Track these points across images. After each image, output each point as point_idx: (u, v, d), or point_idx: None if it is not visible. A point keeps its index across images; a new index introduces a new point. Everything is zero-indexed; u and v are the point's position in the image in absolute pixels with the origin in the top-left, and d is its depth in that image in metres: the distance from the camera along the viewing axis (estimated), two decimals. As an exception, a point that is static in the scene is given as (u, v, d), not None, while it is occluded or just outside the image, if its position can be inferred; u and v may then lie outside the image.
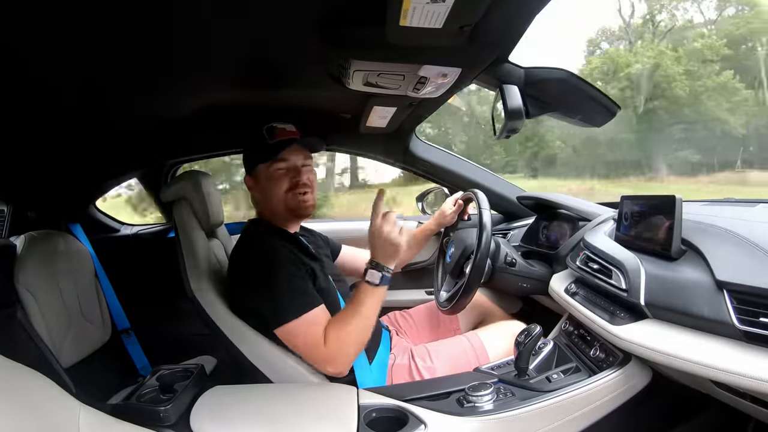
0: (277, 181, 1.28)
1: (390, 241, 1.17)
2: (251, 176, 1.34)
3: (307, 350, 1.15)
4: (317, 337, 1.13)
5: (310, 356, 1.15)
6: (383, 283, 1.17)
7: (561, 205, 1.62)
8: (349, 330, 1.13)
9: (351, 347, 1.14)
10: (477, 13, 0.75)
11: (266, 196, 1.31)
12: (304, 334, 1.13)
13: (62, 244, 1.67)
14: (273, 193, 1.29)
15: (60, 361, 1.43)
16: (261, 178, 1.31)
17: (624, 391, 1.08)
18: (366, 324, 1.15)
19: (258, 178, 1.32)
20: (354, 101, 1.39)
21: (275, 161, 1.28)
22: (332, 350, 1.12)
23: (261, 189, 1.32)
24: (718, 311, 0.82)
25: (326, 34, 0.90)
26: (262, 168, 1.30)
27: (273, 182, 1.29)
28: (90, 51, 0.91)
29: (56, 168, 1.69)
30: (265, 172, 1.29)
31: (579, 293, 1.26)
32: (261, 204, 1.36)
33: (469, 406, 1.06)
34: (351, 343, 1.13)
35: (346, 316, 1.15)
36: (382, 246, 1.18)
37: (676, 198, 0.99)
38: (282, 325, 1.13)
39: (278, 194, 1.29)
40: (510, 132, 1.25)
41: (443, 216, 1.65)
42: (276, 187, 1.29)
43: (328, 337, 1.12)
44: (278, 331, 1.15)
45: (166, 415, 1.04)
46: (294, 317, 1.12)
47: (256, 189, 1.33)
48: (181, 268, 1.28)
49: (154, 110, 1.40)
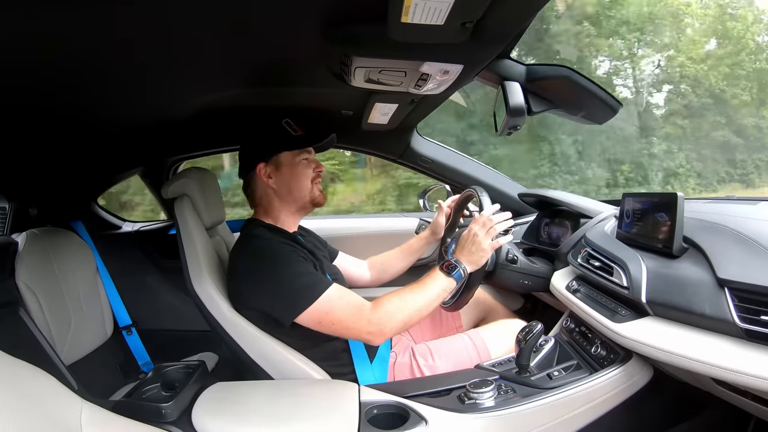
0: (304, 169, 1.32)
1: (479, 247, 1.22)
2: (268, 164, 1.31)
3: (350, 318, 1.13)
4: (358, 301, 1.15)
5: (354, 323, 1.13)
6: (455, 277, 1.20)
7: (562, 202, 1.62)
8: (403, 303, 1.15)
9: (399, 319, 1.14)
10: (479, 9, 0.74)
11: (287, 185, 1.31)
12: (339, 305, 1.13)
13: (64, 241, 1.68)
14: (299, 181, 1.31)
15: (62, 357, 1.43)
16: (284, 165, 1.31)
17: (625, 389, 1.09)
18: (421, 305, 1.16)
19: (279, 165, 1.31)
20: (356, 98, 1.39)
21: (302, 151, 1.31)
22: (380, 316, 1.12)
23: (282, 177, 1.31)
24: (719, 309, 0.82)
25: (328, 31, 0.89)
26: (287, 156, 1.31)
27: (300, 170, 1.31)
28: (93, 49, 0.91)
29: (58, 165, 1.69)
30: (290, 161, 1.31)
31: (580, 290, 1.26)
32: (270, 196, 1.33)
33: (470, 403, 1.06)
34: (400, 316, 1.14)
35: (406, 291, 1.18)
36: (470, 250, 1.23)
37: (678, 196, 0.98)
38: (308, 308, 1.12)
39: (305, 183, 1.32)
40: (512, 129, 1.25)
41: (437, 224, 1.62)
42: (303, 176, 1.32)
43: (382, 305, 1.14)
44: (305, 315, 1.13)
45: (168, 412, 1.05)
46: (318, 294, 1.12)
47: (275, 177, 1.31)
48: (183, 265, 1.28)
49: (156, 108, 1.40)
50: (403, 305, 1.15)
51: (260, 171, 1.31)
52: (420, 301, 1.16)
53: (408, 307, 1.15)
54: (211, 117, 1.47)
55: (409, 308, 1.15)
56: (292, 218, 1.36)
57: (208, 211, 1.39)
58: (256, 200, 1.35)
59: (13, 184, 1.60)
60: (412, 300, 1.16)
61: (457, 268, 1.20)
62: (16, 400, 0.69)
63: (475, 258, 1.23)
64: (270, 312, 1.16)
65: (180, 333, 1.98)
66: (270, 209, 1.34)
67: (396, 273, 1.67)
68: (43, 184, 1.74)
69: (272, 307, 1.16)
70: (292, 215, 1.35)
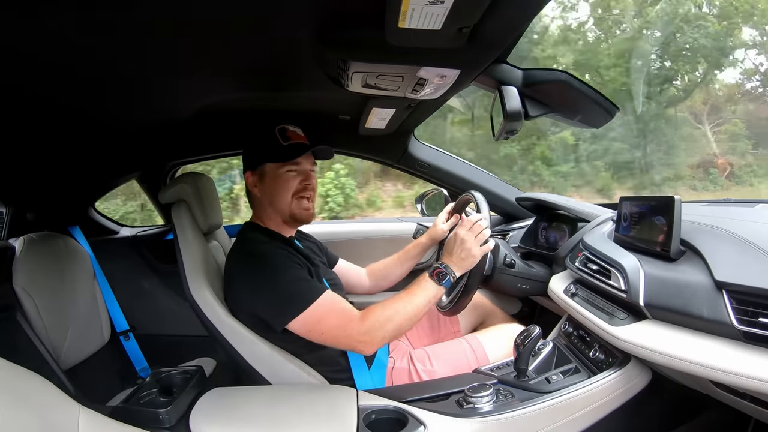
0: (286, 183, 1.27)
1: (469, 253, 1.21)
2: (255, 173, 1.30)
3: (340, 328, 1.12)
4: (348, 311, 1.13)
5: (344, 332, 1.12)
6: (444, 284, 1.19)
7: (560, 206, 1.63)
8: (393, 312, 1.13)
9: (388, 329, 1.12)
10: (476, 14, 0.75)
11: (269, 196, 1.29)
12: (329, 314, 1.12)
13: (61, 246, 1.67)
14: (279, 195, 1.28)
15: (59, 363, 1.43)
16: (267, 176, 1.28)
17: (624, 392, 1.09)
18: (411, 313, 1.14)
19: (263, 175, 1.29)
20: (353, 103, 1.39)
21: (287, 163, 1.27)
22: (370, 326, 1.11)
23: (265, 188, 1.29)
24: (717, 311, 0.82)
25: (325, 36, 0.90)
26: (271, 167, 1.27)
27: (281, 183, 1.27)
28: (90, 53, 0.91)
29: (56, 170, 1.69)
30: (273, 172, 1.27)
31: (578, 294, 1.26)
32: (260, 204, 1.32)
33: (468, 407, 1.06)
34: (390, 326, 1.12)
35: (396, 300, 1.15)
36: (459, 255, 1.21)
37: (675, 199, 0.99)
38: (298, 315, 1.10)
39: (285, 197, 1.28)
40: (509, 133, 1.25)
41: (436, 230, 1.62)
42: (284, 190, 1.27)
43: (371, 312, 1.12)
44: (295, 322, 1.11)
45: (165, 417, 1.04)
46: (310, 302, 1.11)
47: (259, 187, 1.30)
48: (180, 270, 1.27)
49: (154, 113, 1.40)
50: (393, 314, 1.13)
51: (248, 179, 1.31)
52: (410, 310, 1.15)
53: (398, 316, 1.13)
54: (208, 121, 1.48)
55: (399, 317, 1.13)
56: (284, 227, 1.34)
57: (206, 216, 1.39)
58: (251, 204, 1.36)
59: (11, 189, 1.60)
60: (402, 309, 1.14)
61: (447, 276, 1.19)
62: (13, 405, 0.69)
63: (466, 264, 1.22)
64: (262, 317, 1.16)
65: (177, 338, 1.97)
66: (263, 215, 1.33)
67: (395, 279, 1.66)
68: (41, 189, 1.74)
69: (264, 312, 1.15)
70: (285, 224, 1.34)
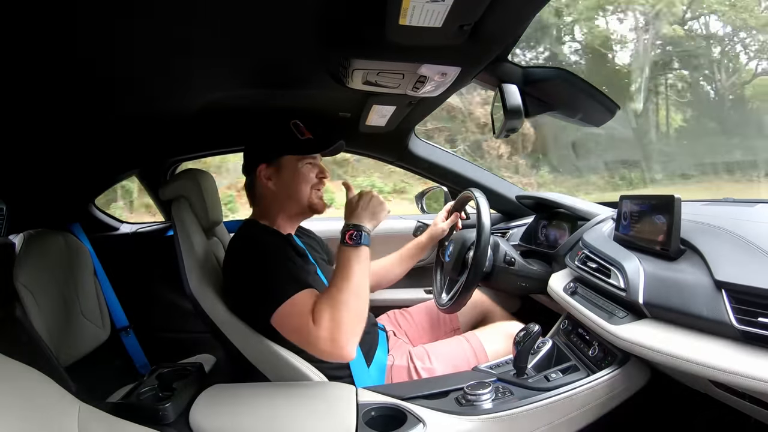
0: (306, 175, 1.30)
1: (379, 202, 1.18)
2: (270, 166, 1.30)
3: (300, 336, 1.04)
4: (305, 317, 1.02)
5: (304, 342, 1.04)
6: (364, 242, 1.10)
7: (560, 204, 1.62)
8: (341, 304, 1.02)
9: (348, 322, 1.01)
10: (477, 12, 0.75)
11: (287, 189, 1.30)
12: (291, 317, 1.05)
13: (61, 243, 1.67)
14: (298, 186, 1.30)
15: (59, 359, 1.43)
16: (286, 169, 1.30)
17: (623, 391, 1.09)
18: (359, 292, 1.05)
19: (280, 168, 1.30)
20: (353, 100, 1.39)
21: (306, 156, 1.30)
22: (326, 329, 1.00)
23: (282, 180, 1.30)
24: (716, 311, 0.82)
25: (326, 33, 0.90)
26: (290, 160, 1.29)
27: (301, 176, 1.30)
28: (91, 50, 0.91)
29: (56, 166, 1.69)
30: (292, 165, 1.29)
31: (578, 292, 1.26)
32: (272, 197, 1.31)
33: (467, 404, 1.06)
34: (348, 318, 1.01)
35: (335, 290, 1.05)
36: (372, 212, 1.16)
37: (675, 198, 0.99)
38: (273, 312, 1.06)
39: (305, 189, 1.30)
40: (509, 131, 1.25)
41: (435, 228, 1.62)
42: (304, 182, 1.30)
43: (319, 316, 1.01)
44: (272, 321, 1.07)
45: (165, 414, 1.04)
46: (282, 301, 1.05)
47: (274, 179, 1.30)
48: (180, 267, 1.27)
49: (154, 110, 1.40)
50: (342, 303, 1.03)
51: (260, 172, 1.30)
52: (355, 290, 1.05)
53: (346, 302, 1.03)
54: (209, 118, 1.47)
55: (350, 302, 1.03)
56: (289, 222, 1.35)
57: (206, 212, 1.38)
58: (255, 200, 1.36)
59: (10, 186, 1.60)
60: (345, 295, 1.04)
61: (362, 234, 1.11)
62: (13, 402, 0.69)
63: (380, 216, 1.17)
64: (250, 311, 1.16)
65: (177, 335, 1.97)
66: (267, 211, 1.33)
67: (395, 278, 1.66)
68: (41, 186, 1.74)
69: (251, 306, 1.15)
70: (289, 219, 1.34)
